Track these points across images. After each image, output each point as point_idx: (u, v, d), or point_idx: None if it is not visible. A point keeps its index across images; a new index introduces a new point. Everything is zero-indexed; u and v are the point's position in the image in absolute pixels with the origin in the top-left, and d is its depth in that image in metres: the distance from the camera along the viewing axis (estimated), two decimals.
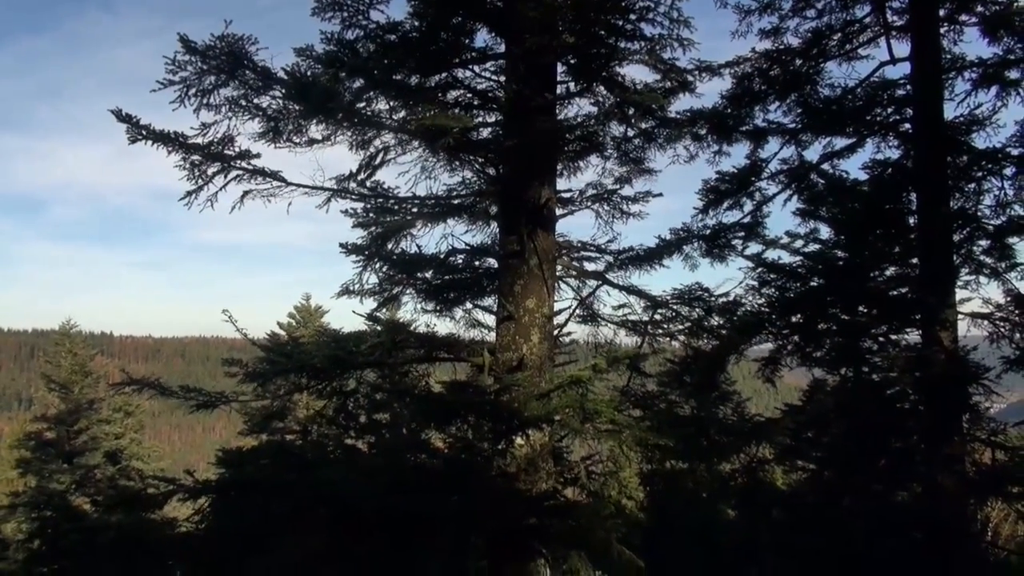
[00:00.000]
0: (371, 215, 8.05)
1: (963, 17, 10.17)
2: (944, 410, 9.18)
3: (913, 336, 10.05)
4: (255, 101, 6.96)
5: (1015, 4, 9.78)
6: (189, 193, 7.24)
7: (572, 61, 7.76)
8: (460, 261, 8.25)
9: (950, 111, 9.91)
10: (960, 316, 9.44)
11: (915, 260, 10.01)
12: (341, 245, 8.06)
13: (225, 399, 7.74)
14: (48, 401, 20.93)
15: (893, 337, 10.27)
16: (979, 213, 9.74)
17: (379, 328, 7.86)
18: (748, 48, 10.63)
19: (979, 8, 9.93)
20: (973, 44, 10.28)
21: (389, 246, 8.21)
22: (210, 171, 7.25)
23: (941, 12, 10.02)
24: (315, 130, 7.29)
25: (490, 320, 8.12)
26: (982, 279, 9.96)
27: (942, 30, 10.00)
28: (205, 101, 6.81)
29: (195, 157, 7.11)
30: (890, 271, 10.44)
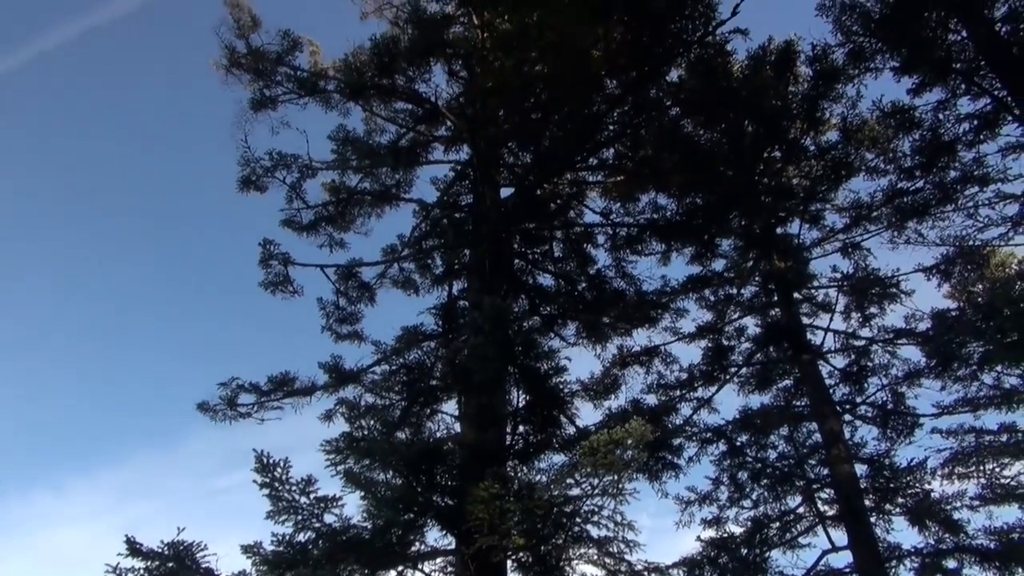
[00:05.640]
0: None
1: (888, 507, 10.84)
2: None
3: None
4: None
5: (930, 495, 10.55)
6: None
7: (522, 558, 7.79)
8: None
9: None
10: None
11: None
12: None
13: None
14: None
15: None
16: None
17: None
18: (693, 535, 11.00)
19: (900, 499, 10.65)
20: (906, 532, 10.80)
21: None
22: None
23: (867, 502, 10.67)
24: None
25: None
26: None
27: (873, 519, 10.53)
28: None
29: None
30: None
